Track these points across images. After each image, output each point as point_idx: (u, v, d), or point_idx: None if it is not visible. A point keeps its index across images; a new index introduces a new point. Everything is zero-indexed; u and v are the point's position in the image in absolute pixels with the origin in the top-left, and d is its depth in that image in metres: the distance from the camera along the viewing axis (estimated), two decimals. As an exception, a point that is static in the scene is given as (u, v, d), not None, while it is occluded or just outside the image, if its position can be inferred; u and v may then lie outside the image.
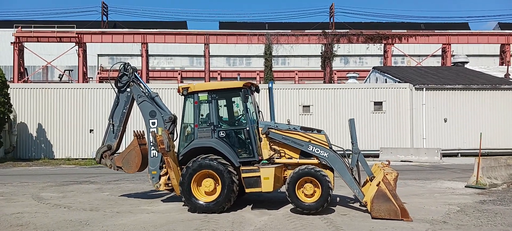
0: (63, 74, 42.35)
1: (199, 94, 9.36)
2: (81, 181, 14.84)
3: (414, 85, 26.44)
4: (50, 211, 9.19)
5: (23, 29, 37.63)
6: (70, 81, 40.55)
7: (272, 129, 9.22)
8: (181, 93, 9.63)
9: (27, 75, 39.60)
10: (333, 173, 8.92)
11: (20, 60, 37.04)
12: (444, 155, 23.70)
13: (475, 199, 10.43)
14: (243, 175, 8.80)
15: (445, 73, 31.22)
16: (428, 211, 8.89)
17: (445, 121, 26.28)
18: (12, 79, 36.05)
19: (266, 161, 9.06)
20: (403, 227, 7.42)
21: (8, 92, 24.35)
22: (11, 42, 37.38)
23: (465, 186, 12.50)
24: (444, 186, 12.78)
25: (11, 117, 24.84)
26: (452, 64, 38.20)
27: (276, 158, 9.14)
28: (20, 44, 37.10)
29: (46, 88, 26.53)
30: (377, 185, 8.22)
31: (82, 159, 24.88)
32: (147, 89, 10.74)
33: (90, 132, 25.56)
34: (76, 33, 37.34)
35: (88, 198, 11.05)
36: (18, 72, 36.53)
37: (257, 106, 10.03)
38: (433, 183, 13.53)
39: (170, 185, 9.52)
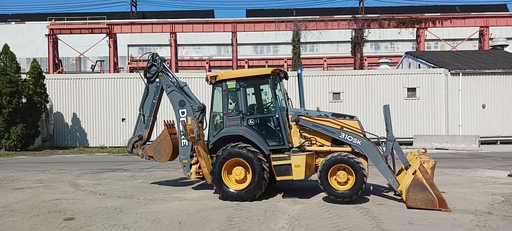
0: (95, 64, 43.52)
1: (227, 83, 9.25)
2: (114, 169, 15.20)
3: (449, 70, 25.38)
4: (86, 198, 9.43)
5: (56, 22, 38.82)
6: (102, 72, 41.64)
7: (302, 116, 9.01)
8: (209, 82, 9.57)
9: (62, 66, 40.95)
10: (367, 161, 8.64)
11: (54, 52, 38.31)
12: (482, 143, 22.68)
13: (519, 189, 9.86)
14: (274, 162, 8.67)
15: (483, 57, 29.77)
16: (470, 201, 8.46)
17: (483, 107, 25.13)
18: (47, 70, 37.41)
19: (297, 149, 8.88)
20: (445, 218, 7.08)
21: (45, 83, 25.27)
22: (46, 35, 38.69)
23: (508, 175, 11.87)
24: (485, 175, 12.18)
25: (48, 106, 25.81)
26: (490, 47, 36.36)
27: (307, 146, 8.94)
28: (54, 37, 38.33)
29: (79, 78, 27.35)
30: (413, 174, 7.88)
31: (115, 147, 25.56)
32: (176, 79, 10.74)
33: (122, 121, 26.19)
34: (107, 25, 38.16)
35: (122, 185, 11.27)
36: (53, 64, 37.84)
37: (286, 94, 9.83)
38: (472, 172, 12.93)
39: (201, 173, 9.53)
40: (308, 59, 45.29)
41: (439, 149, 22.26)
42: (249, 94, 9.64)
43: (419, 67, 28.71)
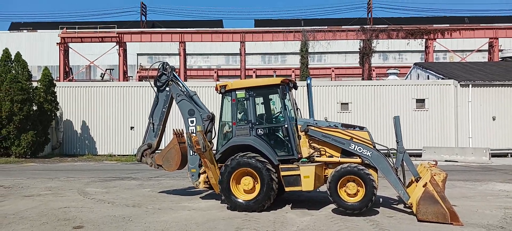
0: (104, 73, 43.94)
1: (236, 92, 9.25)
2: (123, 177, 15.25)
3: (459, 82, 25.18)
4: (95, 206, 9.45)
5: (67, 30, 39.37)
6: (111, 80, 42.01)
7: (311, 126, 8.97)
8: (218, 91, 9.58)
9: (72, 75, 41.41)
10: (377, 173, 8.56)
11: (65, 60, 38.81)
12: (492, 155, 22.36)
13: (532, 203, 9.68)
14: (283, 173, 8.63)
15: (493, 68, 29.52)
16: (482, 215, 8.32)
17: (494, 119, 24.83)
18: (58, 78, 37.83)
19: (306, 159, 8.82)
20: (456, 232, 6.98)
21: (55, 90, 25.55)
22: (57, 43, 39.22)
23: (520, 189, 11.68)
24: (496, 188, 12.00)
25: (58, 114, 26.05)
26: (500, 59, 36.07)
27: (316, 156, 8.88)
28: (65, 45, 38.85)
29: (89, 86, 27.60)
30: (423, 186, 7.79)
31: (123, 155, 25.66)
32: (186, 88, 10.79)
33: (131, 129, 26.32)
34: (117, 33, 38.62)
35: (130, 194, 11.29)
36: (64, 72, 38.30)
37: (295, 103, 9.82)
38: (484, 185, 12.75)
39: (209, 183, 9.52)
40: (316, 69, 45.31)
41: (449, 161, 21.98)
42: (258, 104, 9.64)
43: (428, 79, 28.54)
